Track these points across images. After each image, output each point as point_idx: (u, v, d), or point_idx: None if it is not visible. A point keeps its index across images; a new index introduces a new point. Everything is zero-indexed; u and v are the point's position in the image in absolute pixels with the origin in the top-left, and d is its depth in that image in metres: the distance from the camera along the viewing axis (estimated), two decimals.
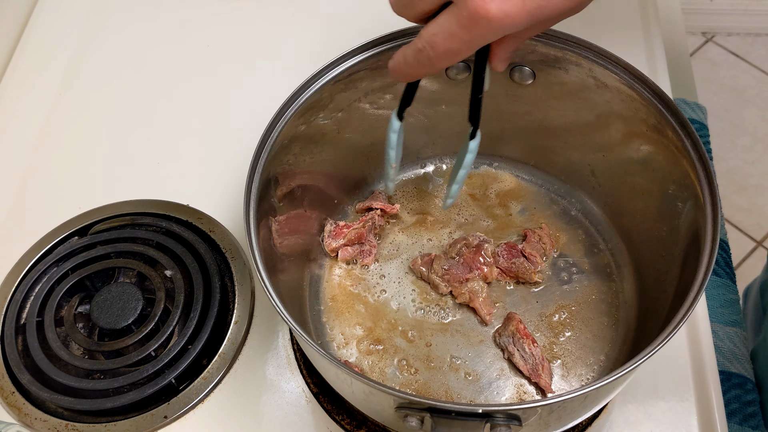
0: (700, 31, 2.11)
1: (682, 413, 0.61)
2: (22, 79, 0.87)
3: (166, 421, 0.61)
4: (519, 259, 0.66)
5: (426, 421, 0.47)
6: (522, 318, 0.63)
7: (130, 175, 0.78)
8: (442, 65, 0.44)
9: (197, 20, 0.91)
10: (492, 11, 0.37)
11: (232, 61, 0.87)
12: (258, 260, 0.52)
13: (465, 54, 0.42)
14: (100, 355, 0.64)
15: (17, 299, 0.67)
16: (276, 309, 0.49)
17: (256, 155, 0.57)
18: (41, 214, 0.74)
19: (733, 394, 0.69)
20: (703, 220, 0.53)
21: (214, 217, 0.73)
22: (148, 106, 0.84)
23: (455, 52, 0.41)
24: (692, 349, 0.64)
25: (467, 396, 0.61)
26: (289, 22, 0.91)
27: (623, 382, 0.55)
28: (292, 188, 0.64)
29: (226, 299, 0.68)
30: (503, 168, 0.74)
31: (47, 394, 0.62)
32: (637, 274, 0.65)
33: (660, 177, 0.61)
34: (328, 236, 0.68)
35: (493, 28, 0.38)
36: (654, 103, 0.57)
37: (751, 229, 1.73)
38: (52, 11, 0.93)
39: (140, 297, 0.65)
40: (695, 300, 0.48)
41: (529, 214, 0.71)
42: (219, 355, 0.64)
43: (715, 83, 2.00)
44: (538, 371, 0.60)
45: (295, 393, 0.63)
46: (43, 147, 0.81)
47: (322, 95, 0.60)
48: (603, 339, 0.63)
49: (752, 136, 1.89)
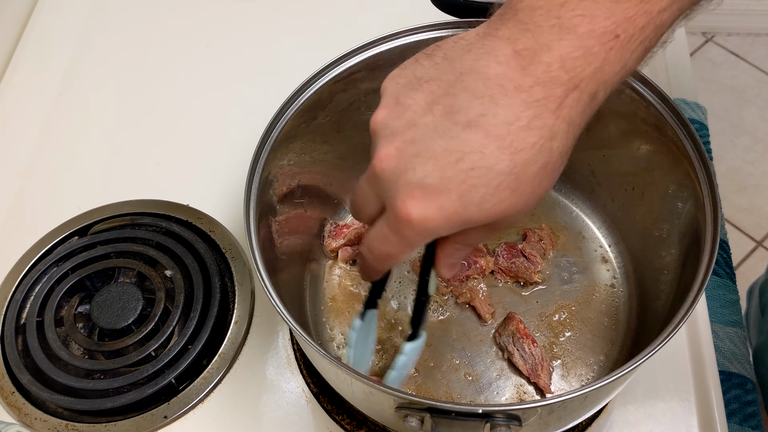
0: (700, 31, 2.11)
1: (682, 413, 0.61)
2: (22, 79, 0.87)
3: (166, 421, 0.61)
4: (519, 259, 0.66)
5: (426, 421, 0.47)
6: (522, 318, 0.63)
7: (131, 175, 0.78)
8: (382, 267, 0.46)
9: (197, 20, 0.91)
10: (413, 214, 0.39)
11: (232, 61, 0.87)
12: (258, 260, 0.52)
13: (402, 256, 0.43)
14: (100, 355, 0.64)
15: (17, 299, 0.67)
16: (276, 309, 0.49)
17: (256, 155, 0.57)
18: (41, 214, 0.74)
19: (733, 394, 0.69)
20: (703, 220, 0.53)
21: (214, 217, 0.73)
22: (148, 106, 0.84)
23: (389, 254, 0.43)
24: (692, 349, 0.64)
25: (467, 396, 0.61)
26: (289, 22, 0.91)
27: (623, 382, 0.55)
28: (292, 188, 0.64)
29: (226, 299, 0.68)
30: None
31: (47, 394, 0.62)
32: (637, 274, 0.65)
33: (660, 177, 0.61)
34: (328, 236, 0.68)
35: (417, 231, 0.40)
36: (654, 103, 0.57)
37: (751, 229, 1.73)
38: (52, 11, 0.93)
39: (140, 297, 0.65)
40: (695, 300, 0.48)
41: (529, 213, 0.71)
42: (219, 355, 0.64)
43: (715, 83, 2.00)
44: (537, 371, 0.60)
45: (295, 393, 0.63)
46: (43, 147, 0.81)
47: (321, 95, 0.60)
48: (603, 339, 0.63)
49: (752, 136, 1.89)
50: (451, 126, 0.38)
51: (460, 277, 0.65)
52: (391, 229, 0.41)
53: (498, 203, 0.38)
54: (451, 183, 0.38)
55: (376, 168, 0.40)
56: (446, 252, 0.46)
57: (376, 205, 0.43)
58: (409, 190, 0.39)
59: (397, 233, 0.41)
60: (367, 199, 0.43)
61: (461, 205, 0.38)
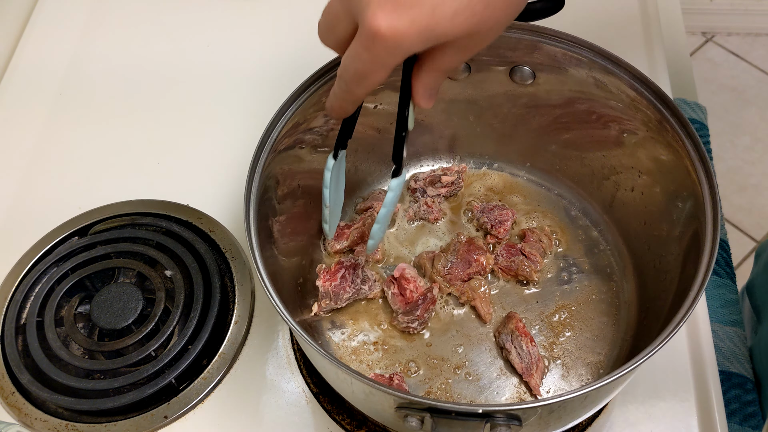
0: (700, 31, 2.11)
1: (682, 413, 0.61)
2: (22, 79, 0.87)
3: (166, 421, 0.61)
4: (518, 257, 0.66)
5: (426, 421, 0.47)
6: (522, 318, 0.63)
7: (130, 175, 0.78)
8: (358, 90, 0.45)
9: (197, 20, 0.91)
10: (382, 28, 0.39)
11: (232, 60, 0.87)
12: (258, 260, 0.52)
13: (375, 77, 0.43)
14: (100, 355, 0.64)
15: (17, 299, 0.67)
16: (276, 309, 0.49)
17: (256, 155, 0.57)
18: (41, 214, 0.74)
19: (733, 393, 0.69)
20: (703, 220, 0.53)
21: (214, 217, 0.73)
22: (147, 106, 0.84)
23: (363, 73, 0.43)
24: (692, 349, 0.64)
25: (467, 396, 0.61)
26: (289, 21, 0.90)
27: (623, 382, 0.55)
28: (292, 188, 0.64)
29: (226, 299, 0.68)
30: (502, 168, 0.74)
31: (47, 394, 0.62)
32: (637, 274, 0.65)
33: (660, 177, 0.61)
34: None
35: (388, 46, 0.40)
36: (654, 103, 0.58)
37: (751, 229, 1.73)
38: (52, 11, 0.93)
39: (140, 297, 0.65)
40: (695, 300, 0.48)
41: (529, 213, 0.71)
42: (219, 355, 0.64)
43: (715, 83, 2.00)
44: (531, 370, 0.60)
45: (295, 393, 0.63)
46: (43, 147, 0.81)
47: (321, 95, 0.60)
48: (603, 339, 0.63)
49: (752, 136, 1.89)
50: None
51: (462, 277, 0.65)
52: (363, 46, 0.41)
53: (470, 16, 0.39)
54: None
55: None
56: (422, 80, 0.46)
57: (346, 25, 0.43)
58: (381, 3, 0.39)
59: (369, 50, 0.41)
60: (337, 17, 0.43)
61: (433, 18, 0.38)
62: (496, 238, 0.68)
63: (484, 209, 0.69)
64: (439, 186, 0.70)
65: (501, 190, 0.72)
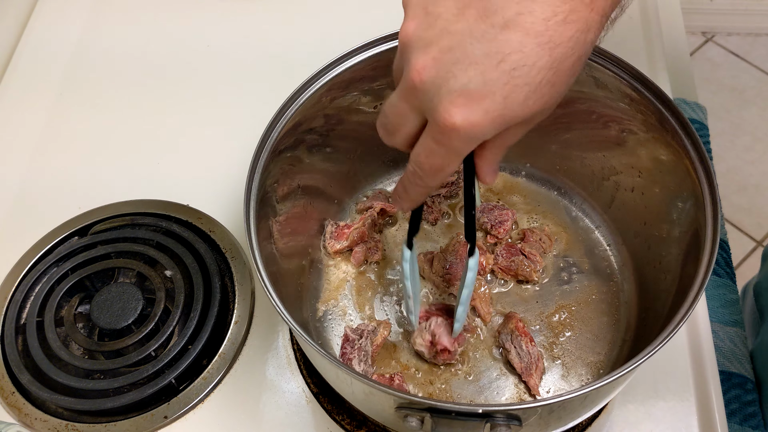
0: (700, 31, 2.11)
1: (682, 413, 0.61)
2: (22, 79, 0.87)
3: (166, 421, 0.61)
4: (518, 257, 0.66)
5: (426, 421, 0.47)
6: (522, 318, 0.63)
7: (130, 175, 0.78)
8: (434, 182, 0.46)
9: (197, 20, 0.91)
10: (458, 122, 0.39)
11: (232, 61, 0.87)
12: (258, 260, 0.52)
13: (451, 167, 0.43)
14: (100, 355, 0.64)
15: (17, 299, 0.67)
16: (276, 309, 0.49)
17: (256, 155, 0.57)
18: (41, 214, 0.74)
19: (733, 394, 0.69)
20: (703, 220, 0.53)
21: (214, 217, 0.73)
22: (147, 106, 0.84)
23: (440, 167, 0.43)
24: (692, 349, 0.64)
25: (467, 396, 0.61)
26: (289, 22, 0.91)
27: (623, 382, 0.55)
28: (292, 188, 0.64)
29: (226, 299, 0.68)
30: (502, 168, 0.73)
31: (47, 394, 0.62)
32: (637, 274, 0.65)
33: (660, 177, 0.61)
34: (330, 237, 0.68)
35: (462, 138, 0.40)
36: (654, 103, 0.57)
37: (751, 229, 1.73)
38: (52, 11, 0.93)
39: (140, 297, 0.65)
40: (695, 300, 0.48)
41: (529, 213, 0.71)
42: (219, 355, 0.64)
43: (715, 83, 2.00)
44: (530, 370, 0.60)
45: (295, 393, 0.63)
46: (43, 147, 0.81)
47: (321, 95, 0.60)
48: (603, 339, 0.63)
49: (752, 136, 1.89)
50: (487, 29, 0.38)
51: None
52: (436, 141, 0.41)
53: (539, 99, 0.39)
54: (495, 85, 0.38)
55: (414, 81, 0.40)
56: (486, 159, 0.47)
57: (415, 122, 0.43)
58: (453, 98, 0.39)
59: (443, 144, 0.41)
60: (403, 116, 0.43)
61: (506, 105, 0.39)
62: (496, 238, 0.68)
63: (484, 209, 0.69)
64: (439, 186, 0.71)
65: (501, 190, 0.72)
